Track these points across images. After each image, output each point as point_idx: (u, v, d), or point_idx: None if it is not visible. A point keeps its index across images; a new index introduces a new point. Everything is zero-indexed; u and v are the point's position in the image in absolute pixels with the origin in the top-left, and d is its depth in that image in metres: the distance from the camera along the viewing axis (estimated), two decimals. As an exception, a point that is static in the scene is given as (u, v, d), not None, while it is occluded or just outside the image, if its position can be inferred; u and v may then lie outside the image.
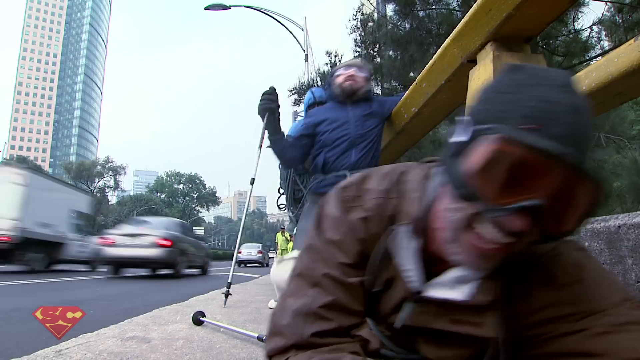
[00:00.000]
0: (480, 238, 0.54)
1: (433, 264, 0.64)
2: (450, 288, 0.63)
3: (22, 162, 53.11)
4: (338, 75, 2.23)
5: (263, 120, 2.27)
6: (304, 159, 2.26)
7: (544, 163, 0.49)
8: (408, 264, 0.64)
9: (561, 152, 0.49)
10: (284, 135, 2.23)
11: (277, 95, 2.29)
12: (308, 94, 2.62)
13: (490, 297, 0.61)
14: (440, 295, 0.63)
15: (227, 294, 2.01)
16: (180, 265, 8.24)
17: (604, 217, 1.14)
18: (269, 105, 2.23)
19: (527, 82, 0.54)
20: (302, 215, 2.27)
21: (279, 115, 2.27)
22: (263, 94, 2.27)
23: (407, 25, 5.72)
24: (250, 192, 2.82)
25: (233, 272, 2.09)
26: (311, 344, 0.64)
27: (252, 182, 2.82)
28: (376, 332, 0.79)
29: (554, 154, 0.49)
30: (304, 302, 0.66)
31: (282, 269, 1.53)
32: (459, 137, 0.56)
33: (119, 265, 7.83)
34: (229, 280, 2.03)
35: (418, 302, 0.65)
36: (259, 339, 1.19)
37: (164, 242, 7.60)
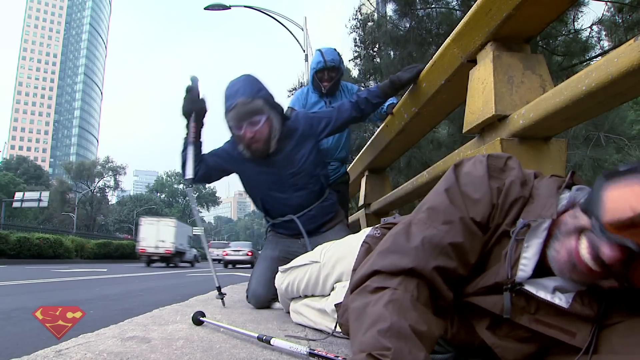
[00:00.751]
0: (577, 248, 0.59)
1: (540, 267, 0.67)
2: (549, 292, 0.65)
3: (22, 162, 53.15)
4: (237, 137, 1.85)
5: (188, 122, 1.96)
6: (209, 181, 2.06)
7: None
8: (530, 253, 0.67)
9: None
10: (200, 144, 1.98)
11: (198, 92, 1.99)
12: None
13: (592, 312, 0.63)
14: (541, 295, 0.65)
15: (221, 297, 1.90)
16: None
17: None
18: (193, 106, 1.96)
19: None
20: (265, 244, 2.15)
21: (204, 116, 1.97)
22: (187, 90, 1.98)
23: (407, 25, 5.72)
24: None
25: (216, 274, 1.95)
26: (429, 275, 0.65)
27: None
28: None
29: None
30: (435, 234, 0.68)
31: (287, 280, 1.49)
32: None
33: (231, 263, 19.44)
34: (217, 284, 1.90)
35: (515, 292, 0.67)
36: (259, 338, 1.18)
37: (250, 253, 19.51)
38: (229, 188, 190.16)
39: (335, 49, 2.54)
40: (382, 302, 0.62)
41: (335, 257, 1.23)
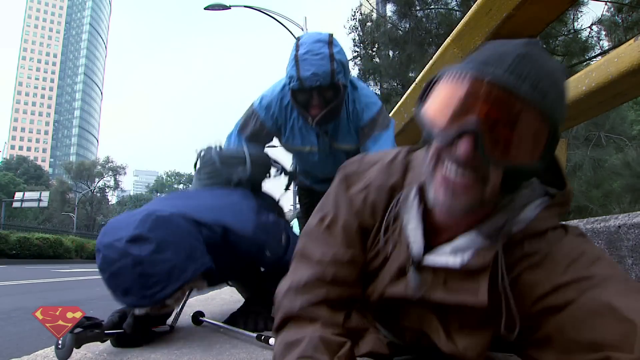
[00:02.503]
0: (446, 172, 0.58)
1: (434, 235, 0.67)
2: (449, 255, 0.64)
3: (22, 162, 53.18)
4: None
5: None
6: None
7: (479, 89, 0.54)
8: (412, 226, 0.67)
9: (492, 76, 0.53)
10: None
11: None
12: None
13: (484, 261, 0.61)
14: (438, 262, 0.65)
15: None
16: None
17: (604, 217, 1.14)
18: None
19: (493, 44, 0.60)
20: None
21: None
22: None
23: (406, 25, 5.72)
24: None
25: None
26: (301, 314, 0.69)
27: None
28: (385, 333, 0.81)
29: (486, 79, 0.53)
30: (296, 279, 0.72)
31: None
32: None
33: None
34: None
35: (417, 268, 0.67)
36: (258, 338, 1.19)
37: None
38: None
39: (327, 42, 1.42)
40: (277, 346, 0.68)
41: None
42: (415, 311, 0.71)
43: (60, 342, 1.00)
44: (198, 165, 1.62)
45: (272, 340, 1.12)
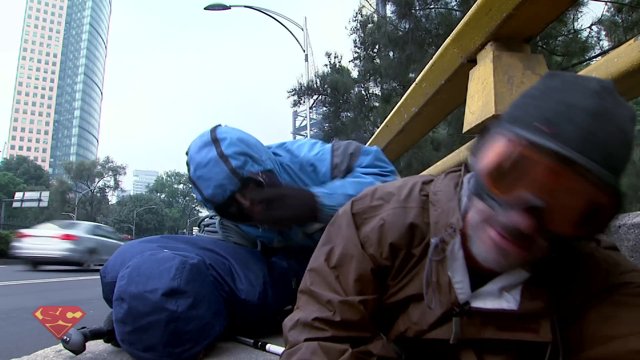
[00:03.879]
0: (496, 233, 0.55)
1: (475, 275, 0.63)
2: (496, 297, 0.62)
3: (22, 162, 53.16)
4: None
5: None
6: None
7: (545, 163, 0.49)
8: (459, 277, 0.63)
9: (562, 152, 0.48)
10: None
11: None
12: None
13: (542, 303, 0.60)
14: (489, 306, 0.62)
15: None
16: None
17: (604, 217, 1.14)
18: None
19: (558, 87, 0.53)
20: None
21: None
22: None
23: (406, 26, 5.73)
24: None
25: None
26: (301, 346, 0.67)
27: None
28: (395, 347, 0.80)
29: (555, 154, 0.49)
30: (304, 316, 0.69)
31: None
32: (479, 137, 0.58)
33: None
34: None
35: (466, 314, 0.64)
36: (255, 345, 1.18)
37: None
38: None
39: (211, 140, 1.17)
40: None
41: None
42: (453, 346, 0.69)
43: (65, 337, 1.00)
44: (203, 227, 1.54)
45: (268, 347, 1.12)
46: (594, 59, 4.40)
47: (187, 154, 1.21)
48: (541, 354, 0.61)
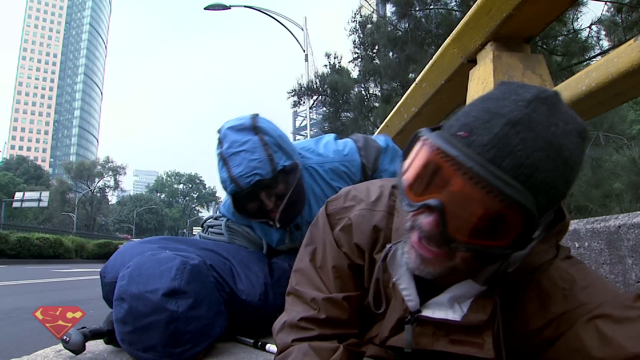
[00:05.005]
0: (416, 239, 0.56)
1: (430, 286, 0.64)
2: (447, 308, 0.62)
3: (22, 162, 53.17)
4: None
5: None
6: None
7: (449, 167, 0.50)
8: (404, 282, 0.64)
9: (459, 159, 0.49)
10: None
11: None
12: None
13: (484, 316, 0.60)
14: (437, 315, 0.62)
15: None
16: None
17: (604, 217, 1.14)
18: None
19: (496, 95, 0.53)
20: None
21: None
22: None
23: (406, 26, 5.73)
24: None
25: None
26: (295, 345, 0.68)
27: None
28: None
29: (455, 160, 0.49)
30: (290, 317, 0.71)
31: None
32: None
33: None
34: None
35: (416, 322, 0.65)
36: (255, 345, 1.18)
37: None
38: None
39: (252, 127, 1.16)
40: None
41: None
42: (419, 354, 0.70)
43: (65, 337, 1.00)
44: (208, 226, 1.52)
45: (268, 347, 1.12)
46: (594, 59, 4.40)
47: (219, 131, 1.20)
48: None
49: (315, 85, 8.73)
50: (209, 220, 1.55)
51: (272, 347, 1.10)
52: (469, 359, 0.62)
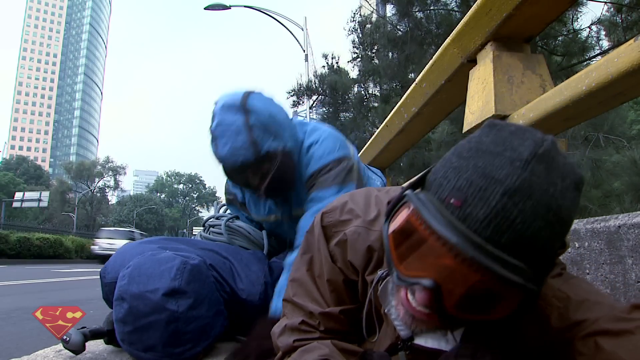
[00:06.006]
0: (406, 297, 0.55)
1: None
2: (438, 337, 0.62)
3: (22, 162, 53.17)
4: None
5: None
6: None
7: (441, 247, 0.47)
8: (393, 313, 0.62)
9: (455, 241, 0.45)
10: None
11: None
12: None
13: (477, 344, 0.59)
14: (430, 345, 0.62)
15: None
16: None
17: (604, 217, 1.14)
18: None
19: (487, 148, 0.49)
20: None
21: None
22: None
23: (406, 26, 5.73)
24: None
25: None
26: (297, 346, 0.69)
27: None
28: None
29: (449, 242, 0.46)
30: (291, 322, 0.72)
31: None
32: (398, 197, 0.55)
33: None
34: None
35: (409, 350, 0.64)
36: None
37: None
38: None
39: (240, 106, 1.16)
40: None
41: None
42: None
43: (65, 337, 1.00)
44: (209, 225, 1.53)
45: None
46: (594, 59, 4.40)
47: (214, 104, 1.20)
48: None
49: (314, 85, 8.74)
50: (210, 220, 1.55)
51: None
52: None
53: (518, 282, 0.46)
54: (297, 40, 11.65)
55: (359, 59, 8.11)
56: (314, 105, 10.11)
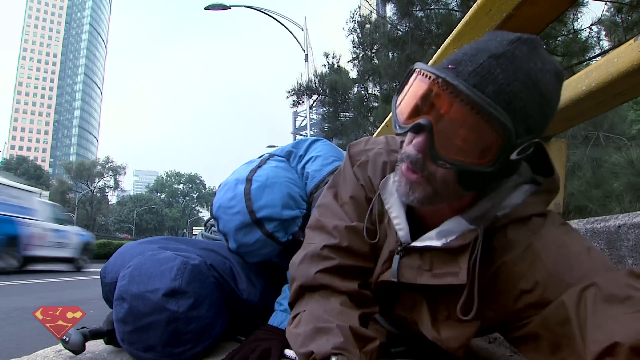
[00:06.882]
0: (405, 165, 0.62)
1: (423, 223, 0.69)
2: (434, 239, 0.66)
3: (22, 162, 53.19)
4: None
5: None
6: None
7: (437, 89, 0.55)
8: (395, 211, 0.70)
9: (448, 80, 0.53)
10: None
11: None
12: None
13: (464, 242, 0.63)
14: (421, 244, 0.67)
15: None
16: None
17: (604, 217, 1.14)
18: None
19: (485, 38, 0.59)
20: None
21: None
22: None
23: (406, 26, 5.73)
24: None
25: None
26: (317, 281, 0.71)
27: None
28: (383, 323, 0.82)
29: (445, 82, 0.54)
30: (312, 248, 0.75)
31: None
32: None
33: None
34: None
35: (405, 252, 0.69)
36: None
37: None
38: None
39: (249, 223, 1.13)
40: (303, 325, 0.69)
41: None
42: (408, 298, 0.73)
43: (65, 337, 1.00)
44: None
45: None
46: (594, 59, 4.40)
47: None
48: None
49: (314, 85, 8.74)
50: (212, 220, 1.56)
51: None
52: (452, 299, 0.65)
53: (499, 118, 0.53)
54: (297, 40, 11.65)
55: (359, 59, 8.12)
56: (314, 105, 10.12)
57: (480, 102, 0.52)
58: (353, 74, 8.73)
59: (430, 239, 0.66)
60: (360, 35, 7.88)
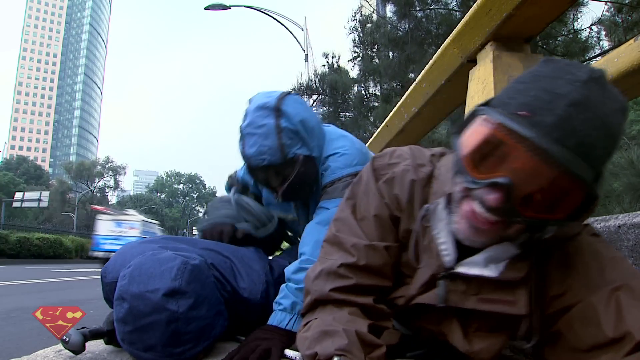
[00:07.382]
0: (472, 210, 0.58)
1: (465, 248, 0.66)
2: (482, 266, 0.64)
3: (22, 162, 53.16)
4: None
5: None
6: None
7: (516, 145, 0.52)
8: (443, 237, 0.67)
9: (530, 138, 0.51)
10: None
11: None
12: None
13: (521, 274, 0.62)
14: (472, 272, 0.65)
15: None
16: None
17: (604, 217, 1.14)
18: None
19: (547, 74, 0.55)
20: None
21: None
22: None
23: (406, 26, 5.72)
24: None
25: None
26: (331, 297, 0.70)
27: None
28: (397, 325, 0.82)
29: (525, 139, 0.51)
30: (328, 265, 0.73)
31: None
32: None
33: None
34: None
35: (450, 278, 0.67)
36: None
37: None
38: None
39: (274, 108, 1.16)
40: (312, 330, 0.68)
41: None
42: (438, 314, 0.72)
43: (65, 337, 1.00)
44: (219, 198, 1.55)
45: None
46: (594, 59, 4.40)
47: (249, 101, 1.22)
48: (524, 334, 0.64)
49: (314, 85, 8.74)
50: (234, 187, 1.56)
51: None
52: (491, 320, 0.65)
53: (584, 177, 0.51)
54: (297, 40, 11.65)
55: (359, 59, 8.12)
56: (314, 104, 10.11)
57: (566, 163, 0.50)
58: (353, 73, 8.74)
59: (477, 265, 0.64)
60: (361, 35, 7.89)
